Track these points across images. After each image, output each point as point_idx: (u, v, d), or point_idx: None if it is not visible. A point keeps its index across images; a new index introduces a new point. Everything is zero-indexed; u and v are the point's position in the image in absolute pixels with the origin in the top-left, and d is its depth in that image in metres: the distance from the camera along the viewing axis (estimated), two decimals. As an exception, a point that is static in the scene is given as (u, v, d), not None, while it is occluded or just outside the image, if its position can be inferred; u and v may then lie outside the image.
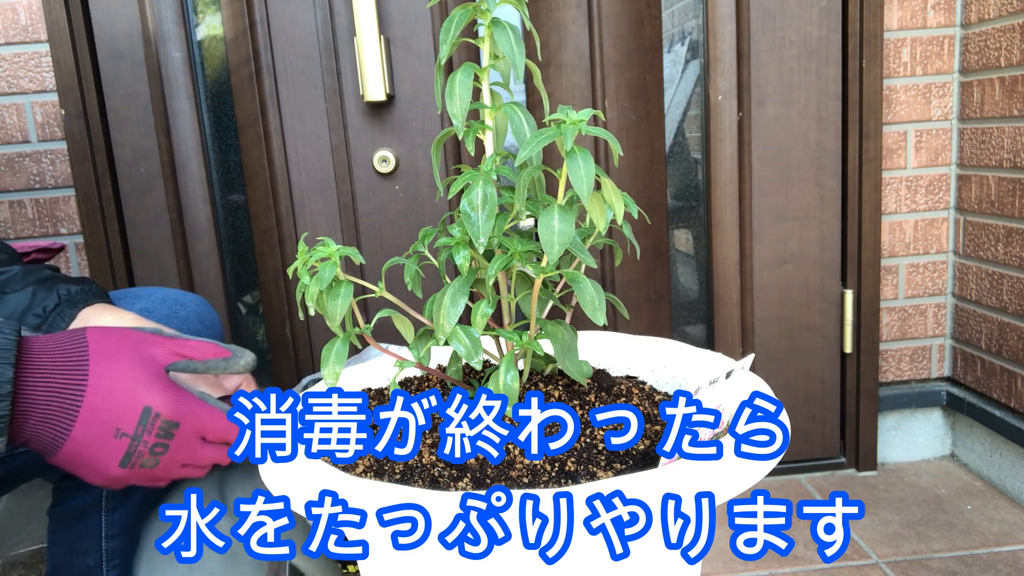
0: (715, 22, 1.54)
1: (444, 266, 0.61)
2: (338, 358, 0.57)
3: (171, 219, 1.54)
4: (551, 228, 0.51)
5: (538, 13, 1.53)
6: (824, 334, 1.64)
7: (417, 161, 1.56)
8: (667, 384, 0.70)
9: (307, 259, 0.55)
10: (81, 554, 0.88)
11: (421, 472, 0.54)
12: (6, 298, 0.78)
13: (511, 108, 0.58)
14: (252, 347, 1.70)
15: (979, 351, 1.58)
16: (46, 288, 0.79)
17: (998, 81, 1.47)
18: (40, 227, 1.50)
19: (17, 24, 1.43)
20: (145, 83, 1.49)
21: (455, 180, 0.55)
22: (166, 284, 1.56)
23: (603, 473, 0.53)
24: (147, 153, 1.51)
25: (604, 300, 0.55)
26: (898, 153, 1.59)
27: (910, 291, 1.65)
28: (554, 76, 1.56)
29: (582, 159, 0.51)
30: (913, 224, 1.62)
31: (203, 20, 1.55)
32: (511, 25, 0.56)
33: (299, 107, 1.53)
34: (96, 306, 0.80)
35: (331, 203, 1.57)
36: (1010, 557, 1.33)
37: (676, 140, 1.67)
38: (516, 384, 0.55)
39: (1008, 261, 1.48)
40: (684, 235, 1.72)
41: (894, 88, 1.57)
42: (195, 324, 0.97)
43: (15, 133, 1.46)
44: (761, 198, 1.58)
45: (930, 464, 1.70)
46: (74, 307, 0.79)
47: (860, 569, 1.32)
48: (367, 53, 1.44)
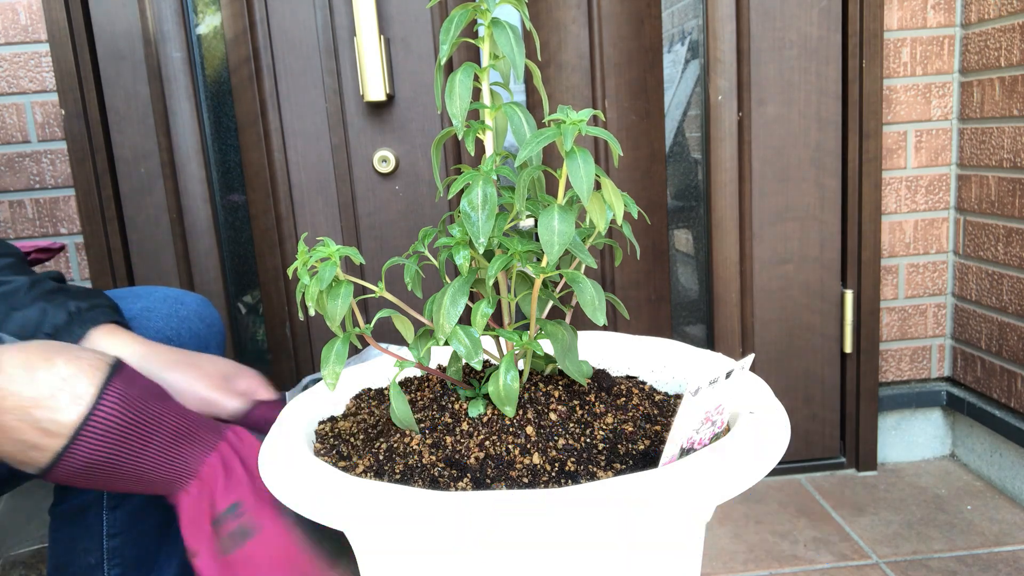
0: (715, 22, 1.54)
1: (444, 266, 0.61)
2: (338, 358, 0.57)
3: (171, 219, 1.54)
4: (551, 228, 0.51)
5: (538, 13, 1.53)
6: (824, 334, 1.64)
7: (417, 161, 1.56)
8: (667, 384, 0.70)
9: (307, 259, 0.55)
10: (82, 553, 0.89)
11: (421, 472, 0.54)
12: (14, 315, 0.77)
13: (511, 108, 0.58)
14: (252, 347, 1.71)
15: (979, 351, 1.58)
16: (55, 304, 0.78)
17: (998, 81, 1.47)
18: (40, 227, 1.50)
19: (17, 24, 1.43)
20: (145, 83, 1.49)
21: (455, 180, 0.55)
22: (166, 284, 1.56)
23: (603, 473, 0.53)
24: (147, 153, 1.51)
25: (604, 300, 0.55)
26: (898, 153, 1.59)
27: (910, 291, 1.65)
28: (554, 76, 1.56)
29: (582, 159, 0.51)
30: (913, 224, 1.62)
31: (203, 20, 1.55)
32: (511, 25, 0.56)
33: (299, 107, 1.53)
34: (107, 327, 0.80)
35: (331, 203, 1.57)
36: (1010, 557, 1.33)
37: (676, 140, 1.67)
38: (516, 384, 0.55)
39: (1008, 261, 1.48)
40: (684, 235, 1.72)
41: (894, 88, 1.57)
42: (196, 323, 0.97)
43: (15, 133, 1.46)
44: (761, 198, 1.58)
45: (930, 464, 1.70)
46: (84, 326, 0.78)
47: (860, 569, 1.32)
48: (367, 53, 1.44)
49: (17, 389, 0.62)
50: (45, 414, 0.62)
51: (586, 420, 0.58)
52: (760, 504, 1.56)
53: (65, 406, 0.63)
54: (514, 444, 0.55)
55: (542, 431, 0.56)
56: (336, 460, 0.59)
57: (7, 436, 0.63)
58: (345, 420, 0.66)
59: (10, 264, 0.82)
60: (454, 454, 0.55)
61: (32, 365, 0.63)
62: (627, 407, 0.61)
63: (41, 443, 0.63)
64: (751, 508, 1.54)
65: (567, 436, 0.56)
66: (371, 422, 0.64)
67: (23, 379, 0.62)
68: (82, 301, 0.80)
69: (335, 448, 0.61)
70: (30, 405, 0.62)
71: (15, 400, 0.62)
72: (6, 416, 0.62)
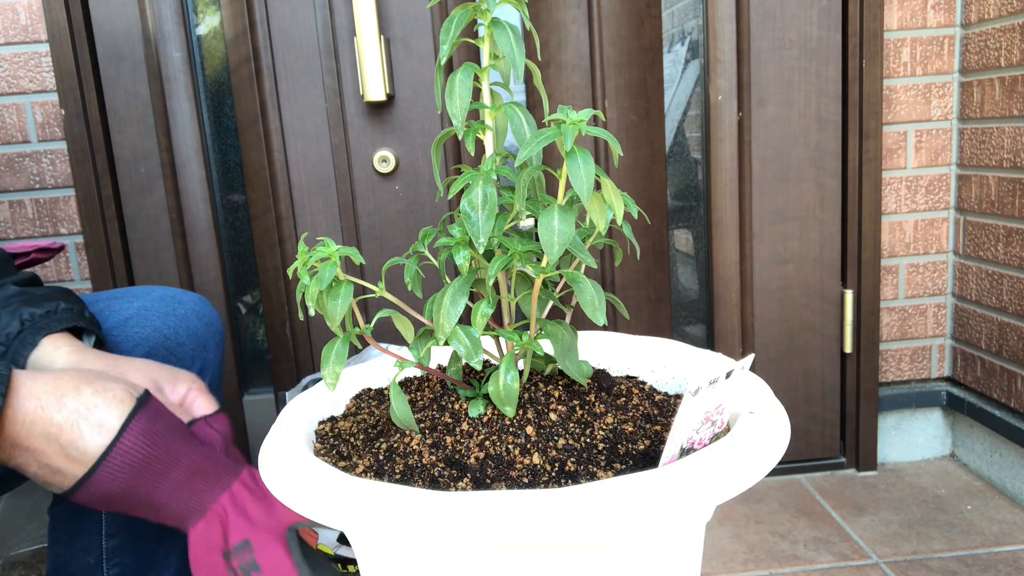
0: (715, 22, 1.54)
1: (444, 266, 0.61)
2: (338, 358, 0.57)
3: (171, 219, 1.54)
4: (551, 228, 0.51)
5: (538, 13, 1.53)
6: (824, 334, 1.64)
7: (417, 161, 1.56)
8: (667, 384, 0.70)
9: (307, 259, 0.55)
10: (82, 552, 0.89)
11: (421, 472, 0.54)
12: None
13: (511, 108, 0.58)
14: (252, 347, 1.71)
15: (979, 351, 1.58)
16: (10, 312, 0.78)
17: (998, 81, 1.47)
18: (40, 227, 1.50)
19: (17, 24, 1.43)
20: (145, 83, 1.49)
21: (455, 180, 0.55)
22: (166, 284, 1.56)
23: (603, 473, 0.53)
24: (147, 153, 1.51)
25: (604, 300, 0.55)
26: (898, 153, 1.59)
27: (910, 291, 1.65)
28: (554, 76, 1.56)
29: (582, 159, 0.51)
30: (913, 224, 1.62)
31: (203, 20, 1.55)
32: (511, 25, 0.56)
33: (299, 107, 1.53)
34: (56, 336, 0.79)
35: (331, 203, 1.57)
36: (1010, 557, 1.33)
37: (676, 140, 1.67)
38: (516, 384, 0.55)
39: (1008, 261, 1.48)
40: (684, 235, 1.72)
41: (894, 88, 1.57)
42: (194, 322, 0.97)
43: (15, 133, 1.46)
44: (761, 198, 1.58)
45: (930, 464, 1.70)
46: (36, 334, 0.78)
47: (860, 569, 1.32)
48: (367, 53, 1.44)
49: (46, 415, 0.65)
50: (70, 440, 0.66)
51: (586, 420, 0.58)
52: (760, 504, 1.56)
53: (89, 435, 0.66)
54: (514, 444, 0.55)
55: (542, 431, 0.56)
56: (336, 460, 0.59)
57: (35, 458, 0.66)
58: (345, 420, 0.66)
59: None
60: (454, 454, 0.55)
61: (62, 393, 0.66)
62: (627, 407, 0.61)
63: (65, 468, 0.66)
64: (751, 508, 1.54)
65: (567, 436, 0.56)
66: (371, 422, 0.64)
67: (53, 406, 0.66)
68: (38, 307, 0.79)
69: (335, 448, 0.61)
70: (56, 432, 0.65)
71: (43, 425, 0.65)
72: (35, 440, 0.65)
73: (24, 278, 0.85)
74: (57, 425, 0.65)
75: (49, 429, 0.65)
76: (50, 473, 0.66)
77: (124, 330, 0.91)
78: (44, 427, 0.65)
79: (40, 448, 0.65)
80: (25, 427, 0.64)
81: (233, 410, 1.64)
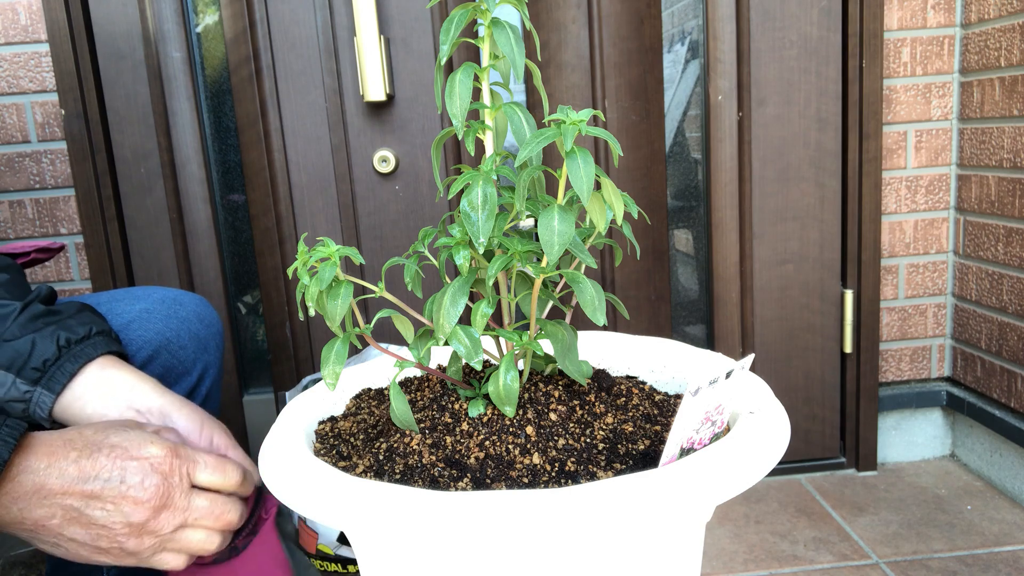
0: (715, 22, 1.54)
1: (444, 266, 0.61)
2: (338, 358, 0.57)
3: (171, 219, 1.54)
4: (551, 228, 0.51)
5: (538, 13, 1.53)
6: (824, 334, 1.64)
7: (417, 161, 1.56)
8: (667, 384, 0.70)
9: (307, 259, 0.55)
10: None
11: (421, 472, 0.54)
12: (4, 346, 0.74)
13: (511, 108, 0.58)
14: (252, 347, 1.71)
15: (979, 351, 1.58)
16: (44, 336, 0.75)
17: (998, 81, 1.47)
18: (40, 227, 1.50)
19: (17, 24, 1.43)
20: (145, 83, 1.49)
21: (455, 180, 0.55)
22: (166, 284, 1.56)
23: (603, 473, 0.53)
24: (147, 153, 1.51)
25: (604, 300, 0.55)
26: (898, 153, 1.59)
27: (910, 291, 1.65)
28: (554, 76, 1.56)
29: (582, 159, 0.51)
30: (913, 224, 1.62)
31: (203, 20, 1.55)
32: (511, 25, 0.56)
33: (299, 107, 1.53)
34: (101, 361, 0.76)
35: (331, 203, 1.57)
36: (1010, 557, 1.33)
37: (676, 140, 1.67)
38: (516, 384, 0.55)
39: (1008, 261, 1.48)
40: (684, 235, 1.72)
41: (894, 88, 1.57)
42: (195, 324, 0.97)
43: (15, 133, 1.46)
44: (761, 198, 1.58)
45: (930, 464, 1.70)
46: (76, 362, 0.75)
47: (860, 569, 1.32)
48: (367, 53, 1.44)
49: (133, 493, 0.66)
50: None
51: (586, 420, 0.58)
52: (760, 504, 1.56)
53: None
54: (514, 444, 0.55)
55: (542, 431, 0.56)
56: (336, 460, 0.59)
57: (96, 532, 0.66)
58: (345, 420, 0.66)
59: (4, 282, 0.78)
60: (454, 454, 0.55)
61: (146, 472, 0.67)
62: (627, 407, 0.61)
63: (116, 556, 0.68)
64: (751, 508, 1.54)
65: (567, 436, 0.56)
66: (371, 422, 0.64)
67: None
68: (72, 331, 0.76)
69: (335, 448, 0.61)
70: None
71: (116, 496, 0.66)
72: (96, 512, 0.65)
73: (46, 293, 0.82)
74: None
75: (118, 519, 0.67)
76: (97, 553, 0.68)
77: (127, 333, 0.90)
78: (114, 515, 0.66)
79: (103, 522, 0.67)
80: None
81: (233, 410, 1.64)
